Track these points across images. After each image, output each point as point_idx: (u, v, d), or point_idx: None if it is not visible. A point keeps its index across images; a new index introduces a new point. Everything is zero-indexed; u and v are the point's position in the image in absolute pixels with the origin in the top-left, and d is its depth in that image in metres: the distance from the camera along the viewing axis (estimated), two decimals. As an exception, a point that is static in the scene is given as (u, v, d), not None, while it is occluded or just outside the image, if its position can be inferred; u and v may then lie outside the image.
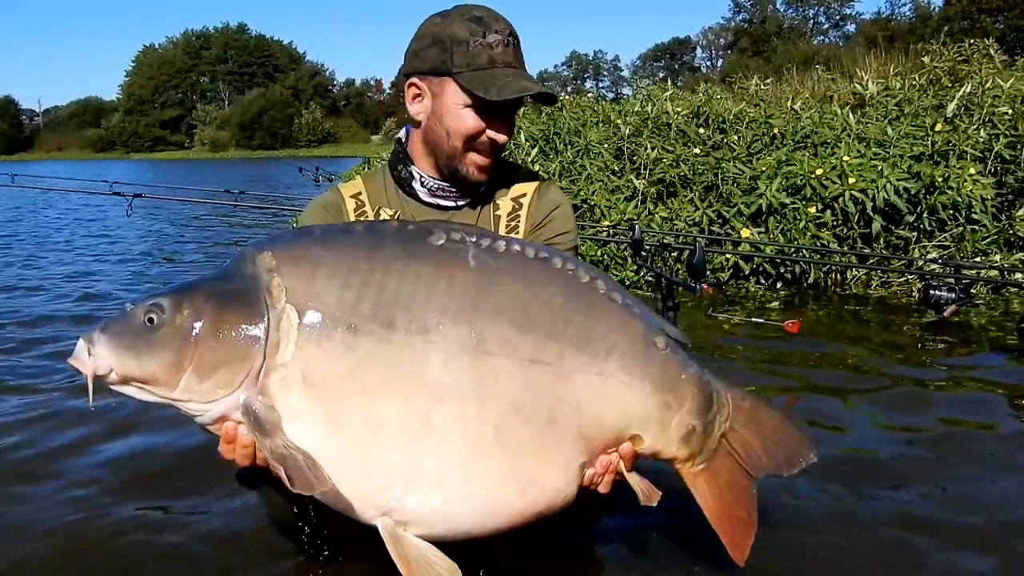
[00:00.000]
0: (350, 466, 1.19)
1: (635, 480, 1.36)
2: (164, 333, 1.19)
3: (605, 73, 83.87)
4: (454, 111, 1.57)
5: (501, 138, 1.59)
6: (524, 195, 1.71)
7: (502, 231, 1.67)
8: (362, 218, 1.67)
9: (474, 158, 1.60)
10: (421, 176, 1.66)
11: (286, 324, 1.19)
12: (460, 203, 1.68)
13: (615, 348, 1.31)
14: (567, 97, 9.25)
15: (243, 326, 1.19)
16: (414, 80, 1.61)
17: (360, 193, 1.71)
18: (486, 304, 1.24)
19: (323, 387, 1.18)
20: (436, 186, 1.66)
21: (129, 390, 1.23)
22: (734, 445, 1.45)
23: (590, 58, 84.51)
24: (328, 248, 1.25)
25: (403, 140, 1.71)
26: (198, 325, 1.20)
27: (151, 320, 1.20)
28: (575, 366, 1.27)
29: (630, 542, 1.88)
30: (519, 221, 1.69)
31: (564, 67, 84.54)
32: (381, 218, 1.66)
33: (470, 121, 1.58)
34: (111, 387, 1.23)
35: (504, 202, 1.71)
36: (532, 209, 1.70)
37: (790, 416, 1.54)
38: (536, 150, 6.41)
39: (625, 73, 79.87)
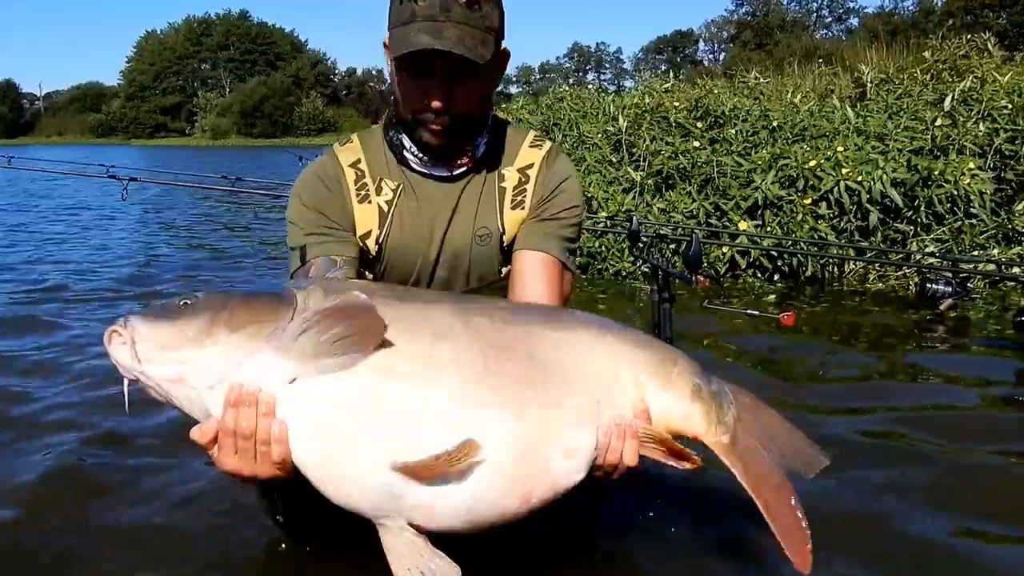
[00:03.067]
0: (363, 402, 1.17)
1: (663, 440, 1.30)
2: (198, 305, 1.23)
3: (607, 65, 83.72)
4: (397, 76, 1.51)
5: (435, 104, 1.47)
6: (531, 165, 1.64)
7: (507, 204, 1.62)
8: (363, 191, 1.61)
9: (428, 126, 1.52)
10: (410, 145, 1.59)
11: (314, 295, 1.23)
12: (456, 171, 1.60)
13: (584, 319, 1.38)
14: (567, 89, 9.23)
15: (272, 300, 1.24)
16: (385, 39, 1.52)
17: (359, 161, 1.63)
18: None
19: None
20: (420, 156, 1.59)
21: (156, 368, 1.20)
22: (751, 432, 1.37)
23: (592, 50, 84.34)
24: None
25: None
26: (231, 299, 1.24)
27: (185, 303, 1.24)
28: (548, 329, 1.31)
29: (634, 537, 1.89)
30: (525, 196, 1.63)
31: (566, 59, 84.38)
32: (383, 192, 1.61)
33: (406, 86, 1.51)
34: (138, 367, 1.19)
35: (510, 173, 1.64)
36: (539, 181, 1.63)
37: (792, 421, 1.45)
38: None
39: (627, 65, 79.74)
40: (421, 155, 1.59)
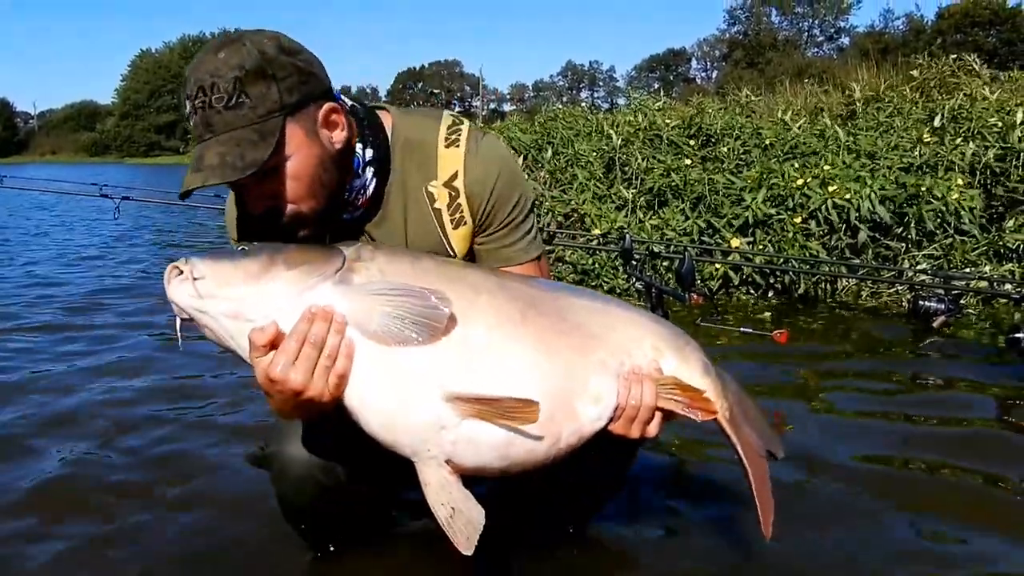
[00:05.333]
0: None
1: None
2: (257, 249, 1.29)
3: (601, 83, 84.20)
4: None
5: (260, 212, 1.35)
6: (455, 175, 1.49)
7: (448, 225, 1.52)
8: None
9: (282, 228, 1.37)
10: None
11: (365, 250, 1.33)
12: (355, 212, 1.48)
13: (606, 296, 1.50)
14: (560, 107, 9.28)
15: (324, 248, 1.32)
16: None
17: None
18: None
19: (393, 279, 1.28)
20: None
21: (211, 304, 1.24)
22: (742, 412, 1.50)
23: (586, 68, 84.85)
24: None
25: None
26: (288, 246, 1.31)
27: (243, 249, 1.30)
28: (575, 297, 1.43)
29: (636, 537, 1.92)
30: (462, 211, 1.51)
31: (560, 77, 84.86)
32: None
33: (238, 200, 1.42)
34: (195, 301, 1.23)
35: (437, 190, 1.50)
36: (470, 191, 1.50)
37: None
38: (522, 159, 6.40)
39: (620, 84, 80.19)
40: None
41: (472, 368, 1.25)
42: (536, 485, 1.40)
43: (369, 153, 1.46)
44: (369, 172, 1.46)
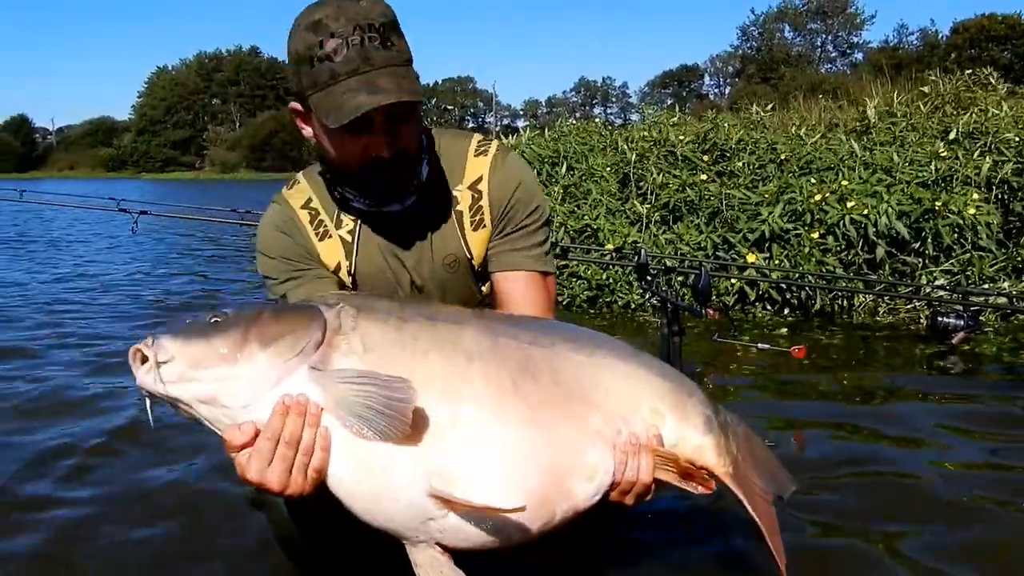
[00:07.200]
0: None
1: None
2: (229, 321, 1.21)
3: (613, 99, 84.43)
4: (328, 137, 1.44)
5: (385, 155, 1.41)
6: (480, 179, 1.58)
7: (468, 227, 1.59)
8: (320, 228, 1.59)
9: (377, 173, 1.44)
10: (355, 196, 1.54)
11: (346, 315, 1.25)
12: (407, 201, 1.54)
13: (605, 343, 1.38)
14: (573, 123, 9.30)
15: (303, 313, 1.25)
16: (292, 104, 1.50)
17: (311, 200, 1.60)
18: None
19: (378, 352, 1.22)
20: (368, 202, 1.54)
21: (182, 388, 1.17)
22: (748, 460, 1.43)
23: (599, 84, 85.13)
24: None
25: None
26: (262, 314, 1.24)
27: (215, 320, 1.22)
28: (570, 349, 1.33)
29: (638, 555, 1.88)
30: (483, 214, 1.58)
31: (573, 93, 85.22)
32: (344, 224, 1.59)
33: (347, 147, 1.43)
34: (164, 387, 1.16)
35: (461, 193, 1.58)
36: (492, 196, 1.58)
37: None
38: (536, 173, 6.41)
39: (633, 99, 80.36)
40: (368, 201, 1.54)
41: (457, 455, 1.19)
42: None
43: (425, 142, 1.55)
44: (425, 157, 1.55)
